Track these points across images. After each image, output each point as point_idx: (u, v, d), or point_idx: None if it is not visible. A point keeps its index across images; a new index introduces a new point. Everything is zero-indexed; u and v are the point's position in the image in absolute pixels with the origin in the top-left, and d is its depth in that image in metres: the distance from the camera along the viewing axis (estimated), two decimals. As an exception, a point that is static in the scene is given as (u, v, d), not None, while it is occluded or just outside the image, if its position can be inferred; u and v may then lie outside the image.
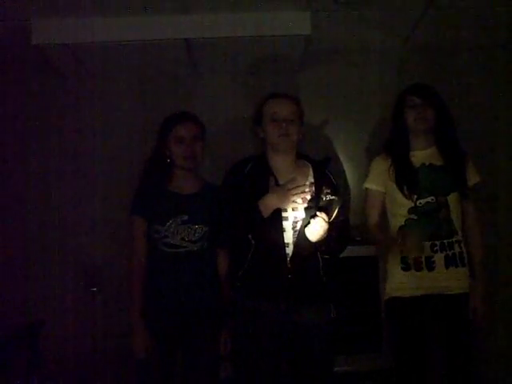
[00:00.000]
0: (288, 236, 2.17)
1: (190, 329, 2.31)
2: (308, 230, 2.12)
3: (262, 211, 2.12)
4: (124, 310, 2.45)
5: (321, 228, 2.09)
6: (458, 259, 2.34)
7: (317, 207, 2.16)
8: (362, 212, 2.51)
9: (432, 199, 2.34)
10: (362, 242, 2.85)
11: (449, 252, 2.32)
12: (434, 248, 2.32)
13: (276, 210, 2.15)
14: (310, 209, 2.16)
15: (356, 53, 3.19)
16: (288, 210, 2.18)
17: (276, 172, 2.23)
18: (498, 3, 2.71)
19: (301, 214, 2.17)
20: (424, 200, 2.34)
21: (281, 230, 2.16)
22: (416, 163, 2.39)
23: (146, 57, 3.00)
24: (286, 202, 2.15)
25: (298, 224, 2.18)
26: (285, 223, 2.17)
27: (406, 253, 2.30)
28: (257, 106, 2.34)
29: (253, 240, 2.18)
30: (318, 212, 2.12)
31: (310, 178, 2.27)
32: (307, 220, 2.13)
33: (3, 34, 2.79)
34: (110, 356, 3.04)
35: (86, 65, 3.08)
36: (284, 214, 2.17)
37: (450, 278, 2.32)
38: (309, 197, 2.20)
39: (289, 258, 2.16)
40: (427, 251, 2.31)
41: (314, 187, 2.23)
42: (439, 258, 2.32)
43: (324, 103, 3.23)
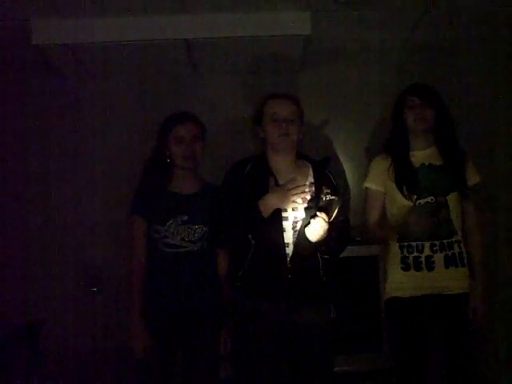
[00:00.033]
0: (288, 236, 2.17)
1: (190, 329, 2.31)
2: (308, 230, 2.12)
3: (261, 211, 2.12)
4: (124, 309, 2.45)
5: (321, 228, 2.09)
6: (458, 259, 2.34)
7: (317, 207, 2.16)
8: (362, 212, 2.51)
9: (432, 199, 2.34)
10: (362, 242, 2.86)
11: (448, 252, 2.33)
12: (434, 248, 2.32)
13: (276, 210, 2.15)
14: (310, 209, 2.16)
15: (356, 53, 3.19)
16: (288, 210, 2.18)
17: (276, 172, 2.23)
18: (497, 3, 2.71)
19: (301, 214, 2.17)
20: (424, 200, 2.34)
21: (281, 230, 2.17)
22: (416, 163, 2.39)
23: (146, 57, 2.99)
24: (285, 202, 2.15)
25: (298, 224, 2.18)
26: (285, 223, 2.17)
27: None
28: (257, 105, 2.35)
29: (253, 240, 2.18)
30: (317, 212, 2.12)
31: (310, 178, 2.27)
32: (307, 220, 2.14)
33: (3, 34, 2.79)
34: (109, 356, 3.04)
35: (86, 65, 3.07)
36: (284, 214, 2.17)
37: (450, 278, 2.32)
38: (309, 197, 2.20)
39: (289, 258, 2.16)
40: (427, 251, 2.31)
41: (313, 187, 2.23)
42: (439, 258, 2.32)
43: (324, 103, 3.23)
